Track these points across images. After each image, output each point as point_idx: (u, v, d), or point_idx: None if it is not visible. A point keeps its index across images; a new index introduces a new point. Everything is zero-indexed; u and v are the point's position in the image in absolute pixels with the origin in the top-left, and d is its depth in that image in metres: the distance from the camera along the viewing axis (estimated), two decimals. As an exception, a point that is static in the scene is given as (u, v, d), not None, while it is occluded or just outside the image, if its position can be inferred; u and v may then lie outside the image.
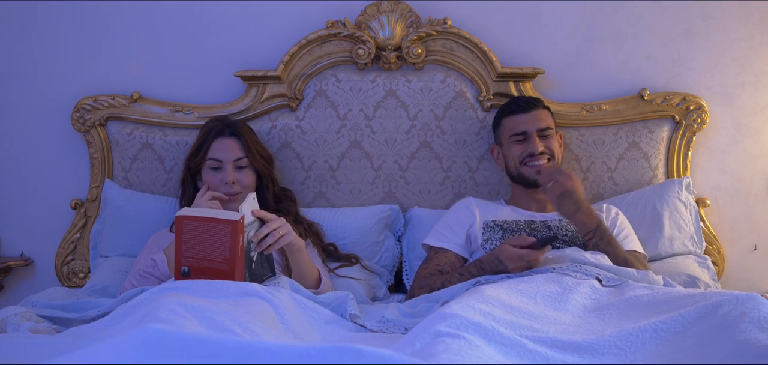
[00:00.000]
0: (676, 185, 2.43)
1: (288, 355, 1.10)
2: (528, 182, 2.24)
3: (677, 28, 2.54)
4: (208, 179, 2.18)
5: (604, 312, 1.59)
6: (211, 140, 2.21)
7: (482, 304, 1.51)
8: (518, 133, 2.25)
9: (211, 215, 1.77)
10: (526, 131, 2.24)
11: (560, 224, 2.15)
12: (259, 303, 1.60)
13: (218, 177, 2.17)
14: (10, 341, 1.58)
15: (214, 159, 2.18)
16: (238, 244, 1.77)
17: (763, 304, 1.36)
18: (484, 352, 1.27)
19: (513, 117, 2.28)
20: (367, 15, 2.50)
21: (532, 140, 2.23)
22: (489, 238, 2.13)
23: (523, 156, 2.23)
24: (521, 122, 2.26)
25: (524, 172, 2.24)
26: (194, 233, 1.79)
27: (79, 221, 2.55)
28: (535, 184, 2.22)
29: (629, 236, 2.20)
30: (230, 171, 2.17)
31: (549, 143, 2.25)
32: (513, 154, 2.26)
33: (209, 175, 2.19)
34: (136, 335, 1.15)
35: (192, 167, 2.24)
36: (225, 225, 1.75)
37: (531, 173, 2.22)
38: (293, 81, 2.52)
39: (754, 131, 2.55)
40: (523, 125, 2.25)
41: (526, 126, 2.24)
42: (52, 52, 2.59)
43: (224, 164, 2.18)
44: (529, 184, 2.24)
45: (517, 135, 2.25)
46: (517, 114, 2.28)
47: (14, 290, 2.60)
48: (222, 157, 2.18)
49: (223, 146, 2.20)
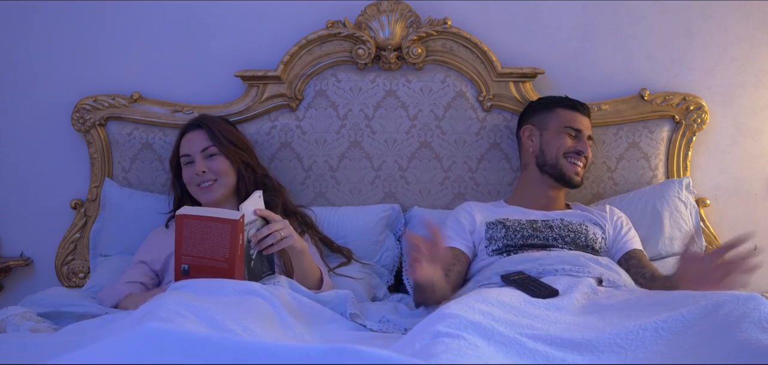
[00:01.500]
0: (676, 184, 2.44)
1: (287, 355, 1.10)
2: (562, 177, 2.24)
3: (677, 28, 2.54)
4: (184, 176, 2.23)
5: (604, 311, 1.59)
6: (180, 138, 2.26)
7: (481, 304, 1.51)
8: (574, 128, 2.26)
9: (211, 215, 1.78)
10: (581, 129, 2.27)
11: (562, 224, 2.14)
12: (259, 302, 1.61)
13: (191, 171, 2.21)
14: (10, 341, 1.58)
15: (185, 154, 2.23)
16: (237, 243, 1.77)
17: (764, 304, 1.35)
18: (484, 352, 1.27)
19: (573, 112, 2.29)
20: (367, 15, 2.50)
21: (583, 140, 2.27)
22: (492, 237, 2.13)
23: (569, 150, 2.24)
24: (579, 121, 2.28)
25: (563, 165, 2.24)
26: (194, 232, 1.80)
27: (79, 221, 2.55)
28: (569, 181, 2.24)
29: (635, 238, 2.21)
30: (200, 162, 2.20)
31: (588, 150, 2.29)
32: (560, 143, 2.25)
33: (184, 171, 2.23)
34: (137, 334, 1.15)
35: (173, 170, 2.30)
36: (225, 224, 1.75)
37: (570, 170, 2.24)
38: (293, 81, 2.52)
39: (754, 131, 2.55)
40: (581, 123, 2.28)
41: (582, 126, 2.28)
42: (51, 53, 2.59)
43: (193, 156, 2.21)
44: (561, 178, 2.24)
45: (572, 129, 2.26)
46: (577, 111, 2.30)
47: (14, 290, 2.60)
48: (190, 150, 2.22)
49: (189, 140, 2.23)
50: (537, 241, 2.09)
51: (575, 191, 2.50)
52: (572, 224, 2.14)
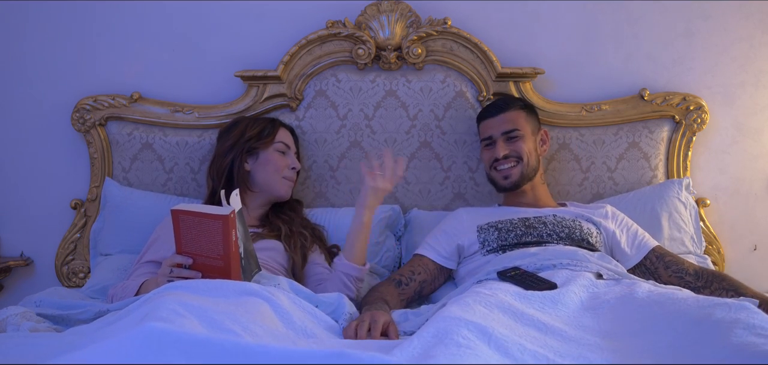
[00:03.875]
0: (676, 185, 2.44)
1: (287, 357, 1.10)
2: (498, 187, 2.28)
3: (677, 28, 2.54)
4: (275, 160, 2.26)
5: (598, 310, 1.59)
6: (279, 127, 2.33)
7: (480, 305, 1.51)
8: (486, 137, 2.28)
9: (202, 211, 1.78)
10: (491, 135, 2.27)
11: (555, 220, 2.14)
12: (259, 302, 1.60)
13: (284, 160, 2.28)
14: (10, 341, 1.57)
15: (284, 143, 2.30)
16: (231, 239, 1.77)
17: (755, 314, 1.36)
18: (484, 352, 1.27)
19: (483, 122, 2.32)
20: (367, 15, 2.50)
21: (497, 144, 2.24)
22: (485, 240, 2.13)
23: (490, 161, 2.27)
24: (488, 127, 2.29)
25: (494, 176, 2.27)
26: (189, 228, 1.80)
27: (79, 221, 2.55)
28: (503, 188, 2.26)
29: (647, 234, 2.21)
30: (293, 157, 2.32)
31: (515, 144, 2.24)
32: (484, 158, 2.31)
33: (275, 156, 2.27)
34: (137, 334, 1.15)
35: (251, 148, 2.26)
36: (216, 221, 1.75)
37: (498, 178, 2.26)
38: (293, 81, 2.52)
39: (754, 131, 2.55)
40: (489, 129, 2.28)
41: (492, 131, 2.27)
42: (51, 53, 2.59)
43: (291, 149, 2.32)
44: (498, 188, 2.29)
45: (485, 140, 2.29)
46: (485, 119, 2.31)
47: (14, 290, 2.60)
48: (289, 143, 2.33)
49: (288, 136, 2.35)
50: (531, 238, 2.09)
51: (575, 190, 2.50)
52: (565, 220, 2.14)
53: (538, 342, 1.38)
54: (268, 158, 2.26)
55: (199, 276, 1.82)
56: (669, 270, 2.07)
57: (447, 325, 1.34)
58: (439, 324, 1.35)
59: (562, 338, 1.43)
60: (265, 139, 2.28)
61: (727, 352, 1.25)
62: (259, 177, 2.26)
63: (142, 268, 2.10)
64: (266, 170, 2.25)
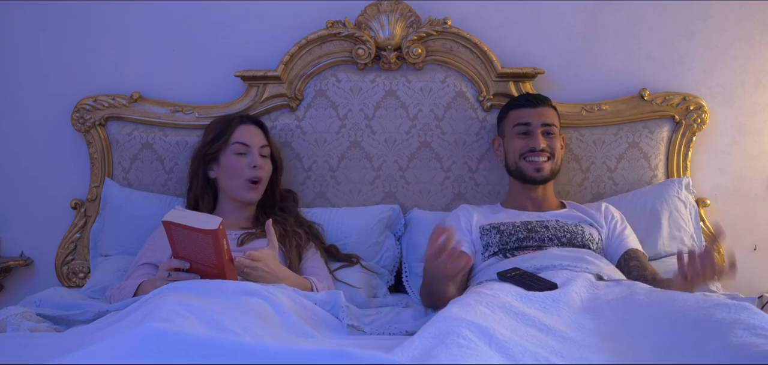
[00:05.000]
0: (676, 184, 2.44)
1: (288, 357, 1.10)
2: (525, 178, 2.24)
3: (677, 28, 2.54)
4: (232, 164, 2.18)
5: (598, 311, 1.59)
6: (236, 126, 2.23)
7: (482, 305, 1.51)
8: (522, 123, 2.25)
9: (192, 224, 1.76)
10: (530, 122, 2.24)
11: (557, 225, 2.14)
12: (258, 302, 1.60)
13: (244, 161, 2.19)
14: (10, 341, 1.58)
15: (241, 143, 2.20)
16: (222, 248, 1.77)
17: (755, 314, 1.36)
18: (484, 353, 1.27)
19: (520, 109, 2.28)
20: (367, 15, 2.50)
21: (535, 135, 2.22)
22: (488, 243, 2.13)
23: (524, 150, 2.23)
24: (527, 115, 2.26)
25: (523, 167, 2.24)
26: (182, 238, 1.79)
27: (79, 221, 2.55)
28: (532, 180, 2.23)
29: (631, 236, 2.20)
30: (256, 155, 2.20)
31: (551, 141, 2.24)
32: (514, 147, 2.26)
33: (232, 159, 2.19)
34: (137, 334, 1.15)
35: (208, 155, 2.23)
36: (206, 235, 1.74)
37: (529, 169, 2.22)
38: (293, 81, 2.52)
39: (754, 131, 2.55)
40: (529, 116, 2.25)
41: (531, 119, 2.24)
42: (52, 53, 2.59)
43: (251, 148, 2.20)
44: (525, 179, 2.24)
45: (521, 125, 2.25)
46: (523, 107, 2.28)
47: (14, 290, 2.60)
48: (249, 141, 2.21)
49: (249, 132, 2.23)
50: (533, 242, 2.09)
51: (575, 190, 2.50)
52: (567, 224, 2.14)
53: (539, 343, 1.38)
54: (227, 163, 2.20)
55: (197, 277, 1.82)
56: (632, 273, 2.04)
57: (448, 325, 1.34)
58: (441, 324, 1.35)
59: (563, 339, 1.43)
60: (219, 142, 2.21)
61: (727, 353, 1.25)
62: (223, 184, 2.22)
63: (140, 270, 2.10)
64: (228, 176, 2.20)
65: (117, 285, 2.06)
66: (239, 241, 2.12)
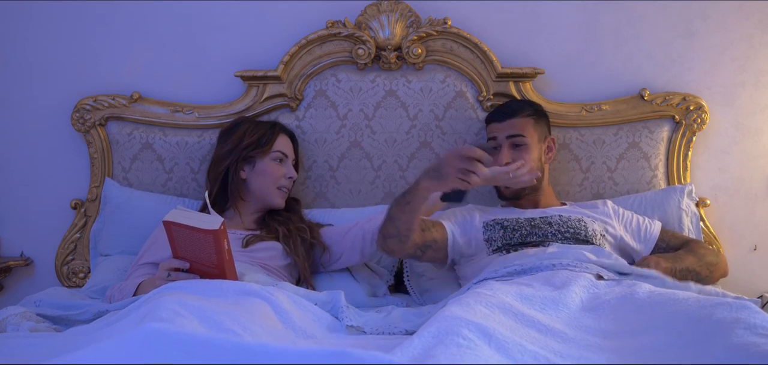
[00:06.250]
0: (678, 192, 2.42)
1: (288, 357, 1.10)
2: (499, 194, 2.28)
3: (677, 28, 2.54)
4: (271, 169, 2.23)
5: (598, 311, 1.59)
6: (278, 134, 2.30)
7: (481, 305, 1.51)
8: (491, 138, 2.26)
9: (193, 224, 1.76)
10: (496, 137, 2.24)
11: (560, 220, 2.15)
12: (258, 302, 1.60)
13: (281, 170, 2.26)
14: (10, 341, 1.58)
15: (281, 152, 2.28)
16: (223, 249, 1.77)
17: (756, 313, 1.36)
18: (484, 352, 1.27)
19: (490, 124, 2.31)
20: (367, 15, 2.50)
21: (502, 150, 2.20)
22: (491, 238, 2.14)
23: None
24: (494, 129, 2.27)
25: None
26: (182, 238, 1.79)
27: (79, 221, 2.55)
28: (503, 197, 2.27)
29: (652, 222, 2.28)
30: (290, 166, 2.30)
31: (520, 152, 2.20)
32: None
33: (271, 165, 2.24)
34: (137, 334, 1.15)
35: (247, 156, 2.24)
36: (207, 235, 1.75)
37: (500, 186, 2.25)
38: (293, 81, 2.52)
39: (754, 131, 2.55)
40: (495, 131, 2.26)
41: (498, 133, 2.24)
42: (52, 53, 2.59)
43: (288, 158, 2.29)
44: (500, 195, 2.28)
45: (492, 140, 2.26)
46: (493, 122, 2.29)
47: (14, 290, 2.60)
48: (287, 151, 2.30)
49: (286, 143, 2.32)
50: (535, 238, 2.09)
51: (574, 190, 2.50)
52: (570, 219, 2.15)
53: (539, 343, 1.38)
54: (264, 168, 2.24)
55: (197, 277, 1.82)
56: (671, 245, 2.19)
57: (448, 325, 1.34)
58: (440, 324, 1.35)
59: (563, 339, 1.43)
60: (262, 147, 2.25)
61: (728, 352, 1.25)
62: (253, 186, 2.24)
63: (139, 270, 2.10)
64: (262, 180, 2.23)
65: (117, 285, 2.07)
66: (244, 242, 2.12)
